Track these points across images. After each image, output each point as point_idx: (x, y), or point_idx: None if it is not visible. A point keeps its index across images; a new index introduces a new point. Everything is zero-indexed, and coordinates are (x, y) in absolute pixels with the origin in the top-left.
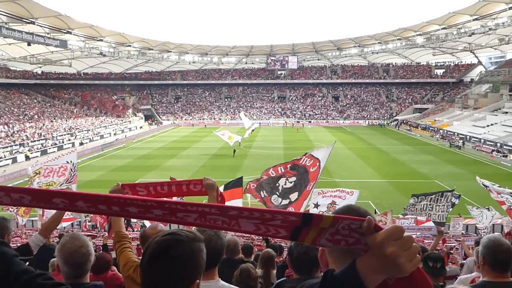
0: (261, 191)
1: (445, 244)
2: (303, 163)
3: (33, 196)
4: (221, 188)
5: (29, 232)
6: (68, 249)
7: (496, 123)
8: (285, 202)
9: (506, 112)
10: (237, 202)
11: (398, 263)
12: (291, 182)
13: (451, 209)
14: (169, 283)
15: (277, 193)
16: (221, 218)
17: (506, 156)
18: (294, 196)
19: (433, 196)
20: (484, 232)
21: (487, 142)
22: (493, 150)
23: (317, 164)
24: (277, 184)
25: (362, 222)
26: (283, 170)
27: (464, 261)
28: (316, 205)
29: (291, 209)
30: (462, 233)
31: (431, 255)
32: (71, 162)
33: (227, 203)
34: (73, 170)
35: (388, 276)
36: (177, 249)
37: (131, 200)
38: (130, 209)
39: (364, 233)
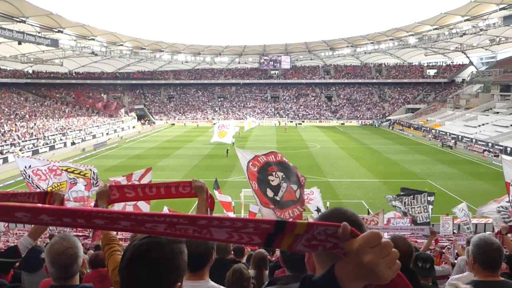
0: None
1: (438, 244)
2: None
3: None
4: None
5: (20, 233)
6: (56, 249)
7: (487, 123)
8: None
9: (497, 112)
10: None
11: (376, 270)
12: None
13: (431, 207)
14: (148, 287)
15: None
16: (191, 228)
17: (498, 156)
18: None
19: (409, 198)
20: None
21: (479, 142)
22: (484, 150)
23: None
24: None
25: (338, 227)
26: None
27: (456, 261)
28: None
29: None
30: (454, 233)
31: (421, 255)
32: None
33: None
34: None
35: (367, 283)
36: (156, 252)
37: (96, 212)
38: (96, 221)
39: (340, 239)
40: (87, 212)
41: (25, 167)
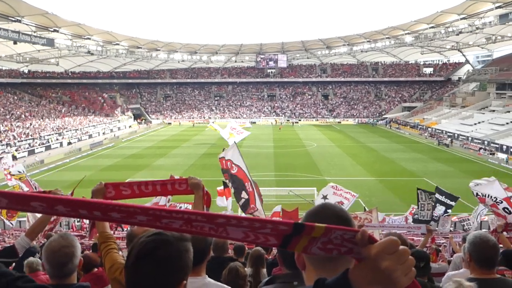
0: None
1: (434, 242)
2: (225, 166)
3: (10, 199)
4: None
5: (17, 233)
6: (53, 247)
7: (483, 121)
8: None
9: (493, 110)
10: (224, 200)
11: (393, 277)
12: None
13: (448, 211)
14: (156, 285)
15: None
16: (208, 225)
17: (493, 154)
18: (244, 195)
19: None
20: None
21: (475, 140)
22: (480, 148)
23: (232, 164)
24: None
25: (356, 233)
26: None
27: (451, 258)
28: (325, 197)
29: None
30: (450, 230)
31: (415, 254)
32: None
33: (218, 199)
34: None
35: None
36: (164, 249)
37: (113, 205)
38: (113, 214)
39: (358, 244)
40: (104, 204)
41: None
